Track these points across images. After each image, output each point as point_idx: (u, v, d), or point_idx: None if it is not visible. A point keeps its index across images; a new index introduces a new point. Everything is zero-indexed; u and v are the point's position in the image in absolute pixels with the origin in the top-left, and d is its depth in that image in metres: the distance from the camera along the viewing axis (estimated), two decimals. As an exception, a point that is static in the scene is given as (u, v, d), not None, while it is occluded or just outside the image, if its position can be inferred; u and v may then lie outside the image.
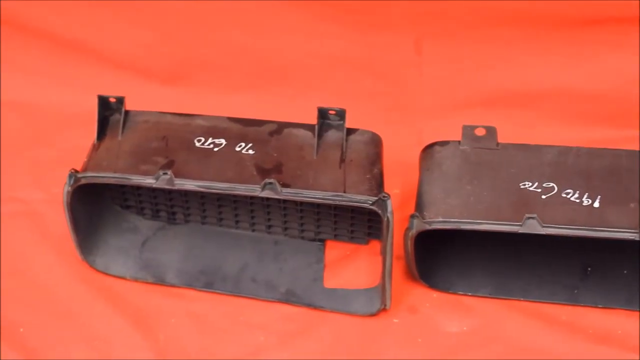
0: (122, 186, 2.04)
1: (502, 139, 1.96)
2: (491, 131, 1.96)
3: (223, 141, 1.93)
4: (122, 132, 1.95)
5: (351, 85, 2.30)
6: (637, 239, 1.78)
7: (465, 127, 1.97)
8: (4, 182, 2.21)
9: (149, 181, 1.87)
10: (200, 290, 1.99)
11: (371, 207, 1.83)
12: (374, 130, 1.97)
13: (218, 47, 2.31)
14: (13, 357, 1.88)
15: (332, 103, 1.98)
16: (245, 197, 2.01)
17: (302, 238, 2.06)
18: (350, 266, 2.03)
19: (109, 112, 1.98)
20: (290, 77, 2.32)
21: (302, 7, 2.23)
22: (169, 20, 2.29)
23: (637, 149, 1.93)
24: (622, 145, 1.97)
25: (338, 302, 1.96)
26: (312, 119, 1.94)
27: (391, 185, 2.02)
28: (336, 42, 2.25)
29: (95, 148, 1.94)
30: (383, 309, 1.93)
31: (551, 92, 2.27)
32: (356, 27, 2.23)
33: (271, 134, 1.94)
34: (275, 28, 2.27)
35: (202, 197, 2.04)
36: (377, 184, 1.87)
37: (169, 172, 1.86)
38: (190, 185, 1.86)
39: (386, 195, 1.82)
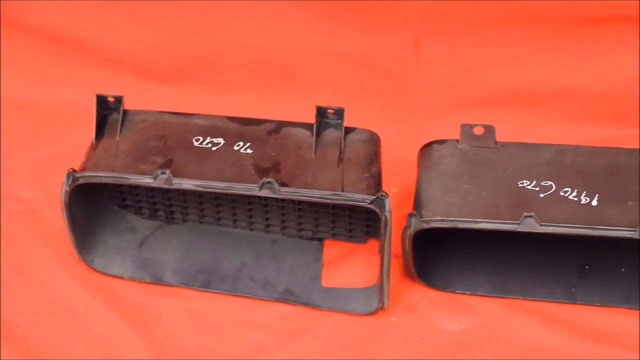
0: (120, 186, 2.04)
1: (502, 138, 1.96)
2: (489, 130, 1.96)
3: (221, 140, 1.93)
4: (121, 131, 1.96)
5: (350, 84, 2.30)
6: (635, 237, 1.78)
7: (463, 126, 1.97)
8: (4, 181, 2.21)
9: (147, 180, 1.87)
10: (198, 290, 1.99)
11: (369, 205, 1.83)
12: (373, 129, 1.98)
13: (217, 45, 2.31)
14: (11, 357, 1.88)
15: (331, 101, 1.98)
16: (243, 196, 2.00)
17: (300, 237, 2.06)
18: (348, 265, 2.03)
19: (108, 111, 1.98)
20: (290, 75, 2.32)
21: (302, 5, 2.23)
22: (169, 19, 2.29)
23: (638, 147, 1.93)
24: (624, 144, 1.97)
25: (336, 301, 1.96)
26: (312, 117, 1.94)
27: (390, 184, 2.02)
28: (335, 40, 2.26)
29: (93, 148, 1.94)
30: (381, 308, 1.93)
31: (552, 91, 2.27)
32: (355, 26, 2.23)
33: (269, 132, 1.94)
34: (275, 26, 2.27)
35: (200, 197, 2.05)
36: (375, 183, 1.87)
37: (167, 171, 1.86)
38: (188, 184, 1.86)
39: (384, 194, 1.82)
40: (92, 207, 2.03)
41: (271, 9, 2.23)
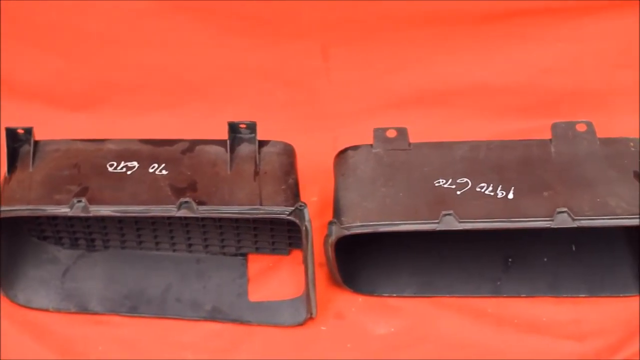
0: (38, 217, 2.02)
1: (417, 138, 1.98)
2: (402, 132, 1.97)
3: (135, 164, 1.92)
4: (33, 163, 1.94)
5: (262, 97, 2.30)
6: (553, 226, 1.80)
7: (376, 130, 1.98)
8: None
9: (63, 210, 1.85)
10: (125, 316, 1.98)
11: (288, 217, 1.83)
12: (288, 140, 1.99)
13: (124, 68, 2.29)
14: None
15: (245, 116, 1.99)
16: (163, 218, 2.00)
17: (224, 254, 2.05)
18: (274, 278, 2.03)
19: (18, 143, 1.96)
20: (200, 93, 2.31)
21: (208, 22, 2.22)
22: (73, 45, 2.26)
23: (549, 138, 1.96)
24: (535, 136, 2.00)
25: (264, 315, 1.96)
26: (226, 133, 1.94)
27: (309, 193, 2.03)
28: (243, 54, 2.25)
29: (6, 181, 1.92)
30: (310, 318, 1.93)
31: (462, 88, 2.28)
32: (261, 39, 2.22)
33: (183, 152, 1.94)
34: (182, 45, 2.26)
35: (119, 222, 2.03)
36: (293, 194, 1.88)
37: (83, 199, 1.84)
38: (105, 211, 1.85)
39: (302, 205, 1.83)
40: (11, 241, 2.00)
41: (175, 28, 2.22)
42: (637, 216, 1.80)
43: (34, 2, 2.20)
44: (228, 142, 1.93)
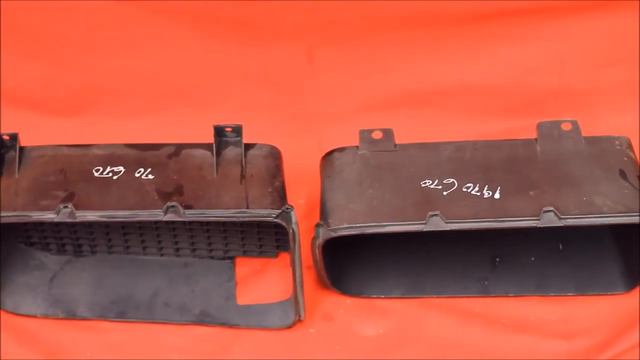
0: (25, 223, 2.01)
1: (404, 139, 1.98)
2: (388, 133, 1.98)
3: (122, 168, 1.92)
4: (19, 169, 1.94)
5: (249, 100, 2.30)
6: (539, 226, 1.80)
7: (362, 132, 1.98)
8: None
9: (49, 216, 1.85)
10: (113, 321, 1.98)
11: (275, 220, 1.84)
12: (274, 143, 1.98)
13: (111, 73, 2.29)
14: None
15: (231, 119, 1.98)
16: (150, 222, 2.00)
17: (212, 258, 2.06)
18: (262, 281, 2.03)
19: (4, 149, 1.96)
20: (186, 97, 2.31)
21: (192, 26, 2.22)
22: (58, 50, 2.26)
23: (535, 137, 1.96)
24: (522, 135, 2.00)
25: (253, 318, 1.96)
26: (212, 137, 1.94)
27: (296, 196, 2.03)
28: (227, 58, 2.25)
29: (-8, 188, 1.92)
30: (298, 320, 1.93)
31: (447, 89, 2.29)
32: (245, 42, 2.23)
33: (169, 156, 1.94)
34: (167, 49, 2.26)
35: (106, 227, 2.03)
36: (280, 197, 1.88)
37: (70, 204, 1.84)
38: (92, 216, 1.85)
39: (289, 207, 1.83)
40: (-2, 248, 2.01)
41: (160, 32, 2.22)
42: (623, 214, 1.81)
43: (18, 8, 2.20)
44: (214, 145, 1.93)
